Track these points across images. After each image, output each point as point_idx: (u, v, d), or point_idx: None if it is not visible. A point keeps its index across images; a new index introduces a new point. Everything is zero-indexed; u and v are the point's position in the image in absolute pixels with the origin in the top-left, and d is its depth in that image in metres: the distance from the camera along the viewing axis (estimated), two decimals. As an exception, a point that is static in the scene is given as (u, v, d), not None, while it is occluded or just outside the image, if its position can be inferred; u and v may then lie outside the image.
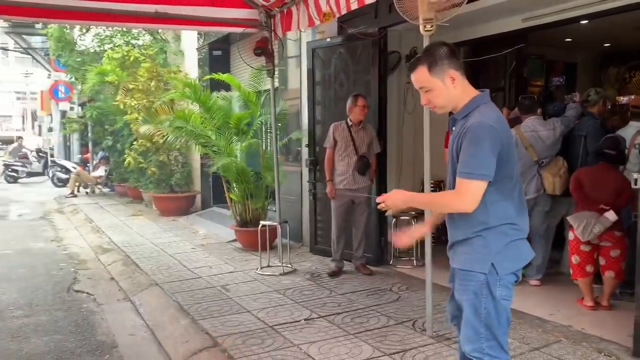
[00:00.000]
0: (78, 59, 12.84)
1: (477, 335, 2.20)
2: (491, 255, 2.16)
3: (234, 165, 6.60)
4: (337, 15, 4.77)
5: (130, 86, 9.49)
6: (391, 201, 2.24)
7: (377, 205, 2.29)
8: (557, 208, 4.94)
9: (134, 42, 11.47)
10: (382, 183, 5.76)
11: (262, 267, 5.75)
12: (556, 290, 4.78)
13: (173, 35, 10.94)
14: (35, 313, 4.76)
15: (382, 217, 5.81)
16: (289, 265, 5.74)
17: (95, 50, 12.64)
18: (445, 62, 2.17)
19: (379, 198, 2.27)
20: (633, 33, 6.74)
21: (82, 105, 16.06)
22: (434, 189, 5.60)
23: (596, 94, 5.01)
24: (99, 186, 14.05)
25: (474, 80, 6.73)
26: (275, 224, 5.86)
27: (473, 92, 2.24)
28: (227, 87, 7.98)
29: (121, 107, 9.71)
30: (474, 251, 2.20)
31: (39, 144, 23.18)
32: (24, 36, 19.57)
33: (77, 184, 13.75)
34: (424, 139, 3.85)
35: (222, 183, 7.45)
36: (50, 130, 22.89)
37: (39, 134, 28.99)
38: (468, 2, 3.85)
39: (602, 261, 4.23)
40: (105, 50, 11.53)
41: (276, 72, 6.07)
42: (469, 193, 2.08)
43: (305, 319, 4.22)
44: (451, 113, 2.32)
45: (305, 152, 6.53)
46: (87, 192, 13.92)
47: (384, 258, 5.85)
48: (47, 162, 18.32)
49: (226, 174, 6.82)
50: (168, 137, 7.02)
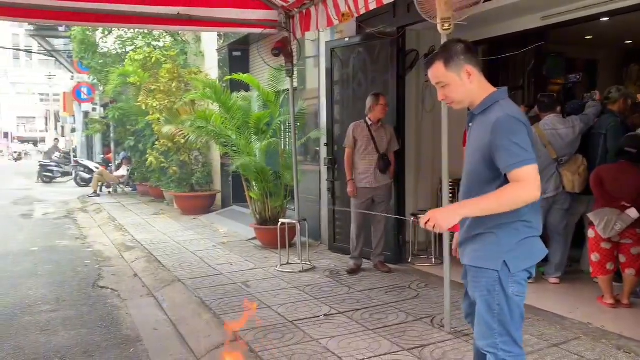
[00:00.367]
0: (100, 61, 13.09)
1: (491, 331, 2.22)
2: (503, 253, 2.16)
3: (253, 164, 6.69)
4: (356, 15, 4.84)
5: (152, 87, 9.66)
6: (441, 221, 2.05)
7: (424, 224, 2.09)
8: (577, 206, 4.93)
9: (155, 43, 11.68)
10: (400, 181, 5.80)
11: (281, 265, 5.83)
12: (575, 288, 4.78)
13: (193, 37, 11.11)
14: (62, 308, 4.90)
15: (400, 216, 5.85)
16: (308, 263, 5.81)
17: (117, 52, 12.89)
18: (462, 58, 2.20)
19: (424, 219, 2.09)
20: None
21: (104, 106, 16.36)
22: (452, 187, 5.62)
23: (617, 92, 4.98)
24: (121, 185, 14.30)
25: (492, 78, 6.74)
26: (295, 222, 5.94)
27: (490, 89, 2.26)
28: (247, 87, 8.09)
29: (143, 107, 9.89)
30: (485, 248, 2.21)
31: (59, 145, 23.74)
32: (47, 39, 19.98)
33: (99, 183, 14.03)
34: (442, 138, 3.88)
35: (241, 182, 7.56)
36: (73, 131, 23.36)
37: (62, 135, 29.52)
38: (486, 1, 3.89)
39: (622, 259, 4.22)
40: (127, 52, 11.76)
41: (295, 72, 6.14)
42: (532, 179, 2.02)
43: (325, 315, 4.28)
44: (468, 110, 2.34)
45: (324, 151, 6.59)
46: (109, 192, 14.18)
47: (402, 256, 5.89)
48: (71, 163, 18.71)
49: (246, 173, 6.92)
50: (190, 137, 7.14)
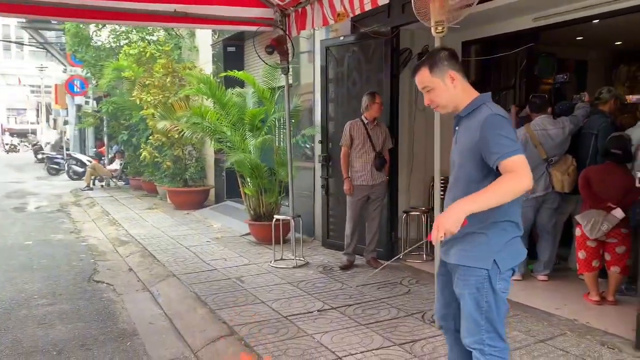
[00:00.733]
0: (94, 55, 13.07)
1: (478, 327, 2.30)
2: (493, 252, 2.25)
3: (248, 160, 6.75)
4: (351, 15, 4.89)
5: (147, 82, 9.68)
6: (449, 224, 2.06)
7: (436, 236, 2.08)
8: (565, 205, 5.05)
9: (149, 37, 11.68)
10: (393, 179, 5.88)
11: (275, 260, 5.91)
12: (563, 286, 4.89)
13: (187, 32, 11.12)
14: (58, 302, 4.96)
15: (393, 213, 5.95)
16: (301, 259, 5.89)
17: (111, 45, 12.87)
18: (445, 63, 2.31)
19: (434, 232, 2.09)
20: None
21: (97, 99, 16.32)
22: (444, 184, 5.72)
23: (608, 93, 5.07)
24: (114, 179, 14.31)
25: (485, 78, 6.90)
26: (289, 218, 6.02)
27: (474, 93, 2.36)
28: (242, 83, 8.15)
29: (137, 102, 9.91)
30: (475, 248, 2.28)
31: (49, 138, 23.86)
32: (39, 31, 19.86)
33: (92, 177, 14.02)
34: (435, 135, 3.97)
35: (235, 177, 7.62)
36: (66, 123, 23.29)
37: (54, 128, 29.41)
38: (479, 3, 3.96)
39: (607, 257, 4.34)
40: (121, 46, 11.76)
41: (290, 69, 6.20)
42: (523, 167, 2.09)
43: (318, 310, 4.37)
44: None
45: (318, 149, 6.66)
46: (102, 185, 14.19)
47: (394, 252, 5.98)
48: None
49: (240, 169, 6.98)
50: (185, 133, 7.18)
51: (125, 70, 10.31)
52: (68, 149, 19.82)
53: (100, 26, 12.51)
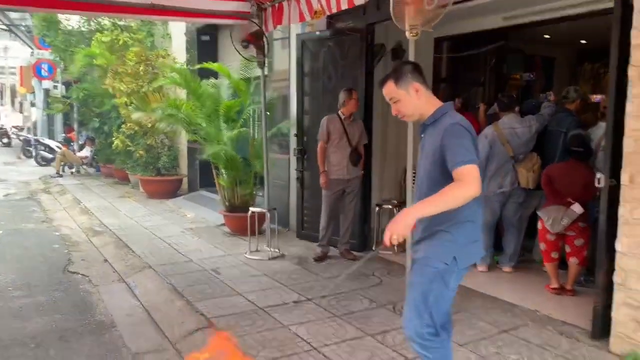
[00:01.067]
0: (63, 40, 12.80)
1: (420, 319, 2.47)
2: (455, 249, 2.42)
3: (223, 152, 6.79)
4: (328, 13, 4.99)
5: (119, 70, 9.58)
6: (400, 228, 2.21)
7: (389, 241, 2.21)
8: (530, 200, 5.27)
9: (121, 23, 11.49)
10: (366, 172, 6.02)
11: (251, 252, 6.01)
12: (527, 277, 5.14)
13: (161, 19, 10.99)
14: (34, 293, 4.97)
15: (366, 205, 6.10)
16: (277, 250, 6.01)
17: (82, 30, 12.63)
18: (409, 77, 2.50)
19: (386, 237, 2.22)
20: (607, 32, 7.02)
21: (66, 84, 15.99)
22: (415, 178, 5.90)
23: (575, 92, 5.28)
24: (84, 166, 14.13)
25: (455, 74, 7.07)
26: (265, 210, 6.11)
27: (438, 103, 2.55)
28: (216, 73, 8.13)
29: (110, 90, 9.80)
30: (440, 244, 2.45)
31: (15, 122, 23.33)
32: (4, 12, 19.26)
33: (62, 163, 13.82)
34: (408, 130, 4.11)
35: (208, 166, 7.65)
36: (32, 105, 22.77)
37: (20, 111, 28.67)
38: (454, 4, 4.10)
39: (567, 249, 4.60)
40: (92, 31, 11.55)
41: (266, 63, 6.25)
42: (472, 176, 2.26)
43: (294, 302, 4.50)
44: None
45: (293, 142, 6.75)
46: (72, 172, 14.01)
47: (367, 244, 6.16)
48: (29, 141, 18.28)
49: (216, 160, 7.02)
50: (160, 124, 7.18)
51: (97, 57, 10.17)
52: (36, 134, 19.42)
53: (70, 11, 12.27)
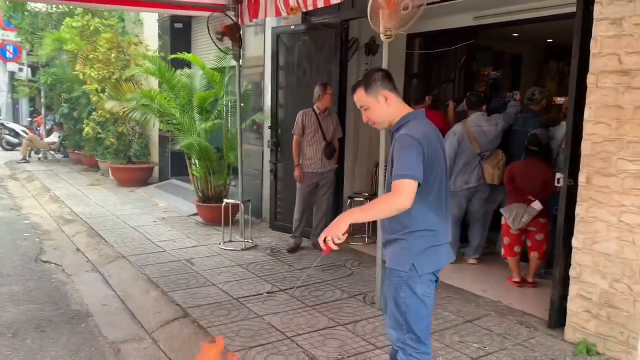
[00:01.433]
0: (30, 23, 12.51)
1: (399, 326, 2.51)
2: (411, 257, 2.44)
3: (197, 143, 6.82)
4: (304, 10, 5.08)
5: (90, 56, 9.45)
6: (333, 232, 2.28)
7: (324, 244, 2.29)
8: (495, 196, 5.50)
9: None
10: (340, 166, 6.17)
11: (224, 242, 6.10)
12: (490, 269, 5.38)
13: (133, 4, 10.84)
14: (7, 283, 4.97)
15: (338, 198, 6.25)
16: (250, 241, 6.12)
17: (50, 12, 12.37)
18: (379, 84, 2.51)
19: (320, 240, 2.29)
20: (572, 32, 7.31)
21: (32, 67, 15.64)
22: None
23: (540, 94, 5.54)
24: (51, 152, 13.90)
25: (426, 72, 7.24)
26: (238, 202, 6.20)
27: (406, 110, 2.55)
28: (190, 63, 8.12)
29: (80, 77, 9.66)
30: (399, 252, 2.49)
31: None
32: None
33: (29, 149, 13.57)
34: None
35: (180, 155, 7.67)
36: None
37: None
38: (428, 4, 4.24)
39: (528, 243, 4.85)
40: (61, 13, 11.30)
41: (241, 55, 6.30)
42: (403, 191, 2.28)
43: (267, 292, 4.63)
44: None
45: (267, 134, 6.83)
46: (39, 158, 13.78)
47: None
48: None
49: (189, 151, 7.05)
50: (135, 114, 7.16)
51: (67, 42, 9.99)
52: (0, 118, 18.95)
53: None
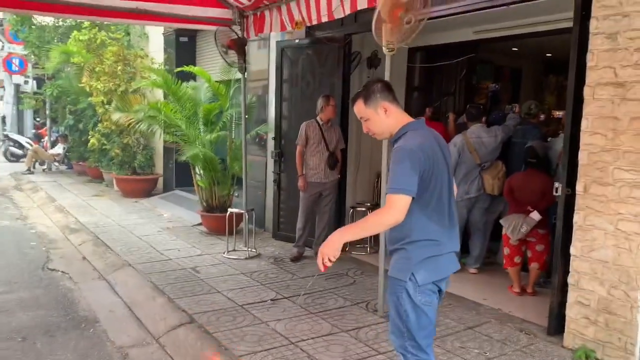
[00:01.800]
0: (38, 36, 12.71)
1: (401, 333, 2.51)
2: (411, 266, 2.43)
3: (202, 154, 6.94)
4: (308, 24, 5.23)
5: (96, 68, 9.62)
6: (329, 251, 2.31)
7: (322, 264, 2.32)
8: (495, 206, 5.60)
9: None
10: (342, 176, 6.26)
11: (228, 251, 6.19)
12: (491, 278, 5.46)
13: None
14: (15, 290, 5.06)
15: (340, 207, 6.35)
16: (253, 250, 6.20)
17: (57, 26, 12.56)
18: (378, 95, 2.50)
19: (318, 260, 2.32)
20: (570, 47, 7.46)
21: (37, 79, 15.82)
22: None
23: (536, 107, 5.70)
24: (56, 164, 14.03)
25: (428, 83, 7.38)
26: (242, 211, 6.30)
27: (406, 120, 2.54)
28: (195, 75, 8.26)
29: (87, 89, 9.82)
30: (399, 261, 2.49)
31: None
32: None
33: (33, 160, 13.70)
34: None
35: (184, 166, 7.78)
36: (0, 99, 22.35)
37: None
38: (429, 19, 4.37)
39: (529, 254, 4.92)
40: (67, 27, 11.49)
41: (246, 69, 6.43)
42: (394, 206, 2.29)
43: (271, 300, 4.71)
44: None
45: (271, 145, 6.95)
46: (44, 169, 13.89)
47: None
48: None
49: (194, 161, 7.17)
50: (141, 126, 7.29)
51: (74, 55, 10.17)
52: (5, 129, 19.12)
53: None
